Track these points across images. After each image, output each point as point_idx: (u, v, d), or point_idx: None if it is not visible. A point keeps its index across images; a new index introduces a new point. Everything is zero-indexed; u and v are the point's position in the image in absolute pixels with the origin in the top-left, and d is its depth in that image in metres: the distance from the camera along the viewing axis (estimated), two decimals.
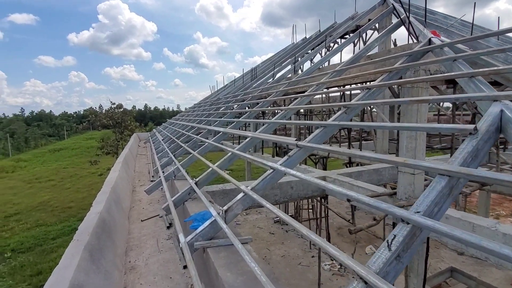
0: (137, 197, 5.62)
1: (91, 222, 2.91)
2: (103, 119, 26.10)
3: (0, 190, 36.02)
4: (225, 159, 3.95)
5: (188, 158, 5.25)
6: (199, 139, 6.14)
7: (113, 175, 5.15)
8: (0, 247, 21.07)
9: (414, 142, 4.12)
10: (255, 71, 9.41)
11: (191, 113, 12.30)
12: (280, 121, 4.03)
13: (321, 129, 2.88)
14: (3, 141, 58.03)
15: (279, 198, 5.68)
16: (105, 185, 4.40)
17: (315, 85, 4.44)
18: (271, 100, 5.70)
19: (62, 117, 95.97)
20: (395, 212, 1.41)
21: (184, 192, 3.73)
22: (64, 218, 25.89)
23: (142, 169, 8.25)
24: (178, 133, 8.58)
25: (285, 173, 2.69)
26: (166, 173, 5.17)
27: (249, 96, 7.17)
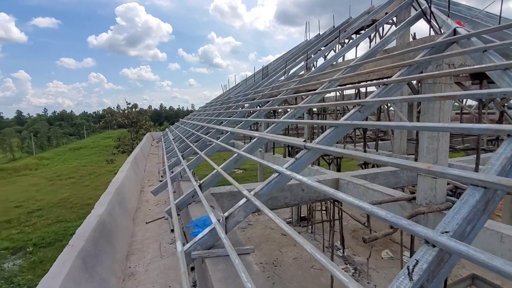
0: (145, 198, 5.54)
1: (89, 226, 2.80)
2: (118, 118, 26.66)
3: (24, 186, 37.74)
4: (230, 161, 3.76)
5: (195, 159, 5.10)
6: (208, 139, 5.99)
7: (120, 175, 5.09)
8: (23, 242, 22.02)
9: (436, 143, 3.77)
10: (266, 69, 9.19)
11: (202, 112, 12.21)
12: (289, 121, 3.80)
13: (332, 129, 2.62)
14: (28, 140, 60.75)
15: (290, 201, 5.44)
16: (110, 186, 4.32)
17: (327, 82, 4.17)
18: (282, 98, 5.46)
19: (82, 116, 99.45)
20: (418, 232, 1.15)
21: (187, 195, 3.57)
22: (82, 214, 26.71)
23: (153, 169, 8.22)
24: (188, 132, 8.49)
25: (291, 177, 2.47)
26: (173, 174, 5.05)
27: (259, 94, 6.95)
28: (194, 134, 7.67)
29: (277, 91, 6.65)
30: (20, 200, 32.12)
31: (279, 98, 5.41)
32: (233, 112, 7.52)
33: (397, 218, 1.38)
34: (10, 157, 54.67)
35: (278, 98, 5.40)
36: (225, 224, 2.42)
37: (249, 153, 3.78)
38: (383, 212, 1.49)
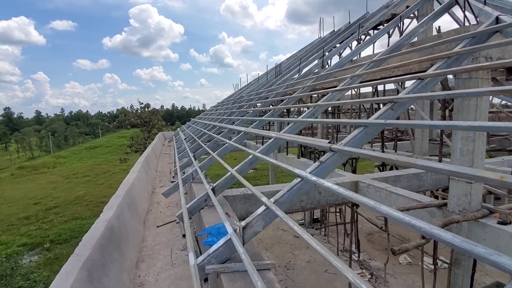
0: (156, 199, 5.37)
1: (96, 232, 2.61)
2: (131, 118, 26.95)
3: (42, 184, 38.84)
4: (245, 163, 3.51)
5: (207, 160, 4.89)
6: (220, 139, 5.77)
7: (130, 176, 4.93)
8: (41, 238, 22.57)
9: (471, 144, 3.40)
10: (279, 67, 8.90)
11: (214, 111, 12.03)
12: (307, 120, 3.51)
13: (361, 129, 2.33)
14: (46, 139, 62.61)
15: (306, 205, 5.14)
16: (120, 187, 4.15)
17: (349, 78, 3.85)
18: (297, 97, 5.17)
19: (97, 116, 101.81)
20: (477, 253, 0.86)
21: (200, 199, 3.35)
22: (97, 212, 27.03)
23: (164, 169, 8.08)
24: (200, 132, 8.31)
25: (315, 183, 2.20)
26: (184, 175, 4.85)
27: (273, 93, 6.68)
28: (205, 134, 7.47)
29: (291, 89, 6.36)
30: (38, 197, 33.06)
31: (294, 97, 5.12)
32: (245, 111, 7.28)
33: (437, 231, 1.09)
34: (29, 155, 56.48)
35: (294, 97, 5.11)
36: (242, 235, 2.17)
37: (265, 154, 3.52)
38: (422, 224, 1.22)
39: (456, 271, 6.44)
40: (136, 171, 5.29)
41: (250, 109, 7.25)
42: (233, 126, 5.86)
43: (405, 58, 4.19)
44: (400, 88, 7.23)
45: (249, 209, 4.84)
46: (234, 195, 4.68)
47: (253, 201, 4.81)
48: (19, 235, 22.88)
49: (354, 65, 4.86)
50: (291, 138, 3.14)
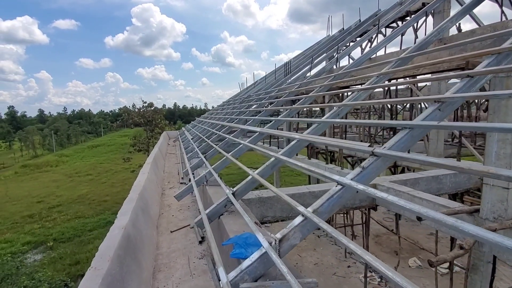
0: (167, 202, 5.15)
1: (113, 241, 2.39)
2: (135, 117, 26.72)
3: (46, 182, 38.70)
4: (267, 166, 3.28)
5: (221, 161, 4.66)
6: (232, 139, 5.54)
7: (141, 178, 4.71)
8: (44, 236, 22.43)
9: (509, 147, 3.16)
10: (289, 66, 8.65)
11: (220, 111, 11.80)
12: (333, 120, 3.28)
13: (406, 131, 2.10)
14: (49, 137, 62.50)
15: None
16: (133, 190, 3.93)
17: (375, 77, 3.61)
18: (313, 96, 4.93)
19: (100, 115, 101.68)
20: None
21: (219, 204, 3.12)
22: (100, 211, 27.04)
23: (172, 170, 7.86)
24: (208, 132, 8.08)
25: (357, 191, 1.97)
26: (197, 178, 4.63)
27: (285, 92, 6.44)
28: (214, 134, 7.24)
29: (305, 89, 6.12)
30: (41, 196, 32.96)
31: (310, 96, 4.88)
32: (256, 111, 7.04)
33: None
34: (33, 154, 56.39)
35: (310, 96, 4.88)
36: (278, 249, 1.95)
37: (287, 156, 3.30)
38: (474, 228, 1.04)
39: (473, 276, 6.18)
40: (146, 173, 5.06)
41: (261, 108, 7.02)
42: (245, 126, 5.63)
43: (432, 56, 3.95)
44: (415, 88, 6.99)
45: (265, 213, 4.63)
46: (249, 199, 4.47)
47: (269, 204, 4.60)
48: (23, 233, 22.77)
49: (374, 64, 4.62)
50: (319, 140, 2.92)
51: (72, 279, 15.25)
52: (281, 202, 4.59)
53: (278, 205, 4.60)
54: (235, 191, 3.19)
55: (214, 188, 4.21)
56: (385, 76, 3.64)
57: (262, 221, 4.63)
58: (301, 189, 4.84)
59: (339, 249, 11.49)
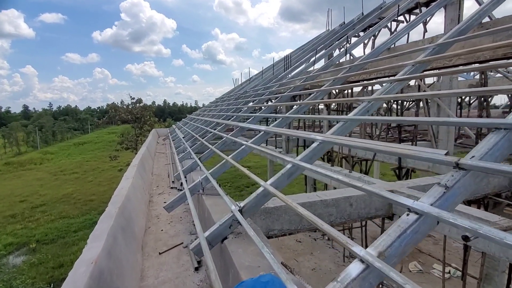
0: (155, 212, 4.35)
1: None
2: (122, 113, 25.41)
3: (29, 181, 36.73)
4: (283, 175, 2.56)
5: (220, 165, 3.90)
6: (230, 138, 4.79)
7: (124, 184, 3.89)
8: (27, 237, 21.07)
9: None
10: (289, 59, 7.95)
11: (214, 108, 10.97)
12: (362, 118, 2.59)
13: (502, 134, 1.42)
14: (33, 134, 59.71)
15: (335, 219, 4.25)
16: (112, 202, 3.13)
17: (410, 66, 2.94)
18: (326, 90, 4.23)
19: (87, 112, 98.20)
20: None
21: (222, 225, 2.38)
22: (85, 211, 25.74)
23: (161, 171, 7.02)
24: (202, 130, 7.27)
25: (438, 221, 1.29)
26: (191, 184, 3.86)
27: (288, 87, 5.72)
28: (209, 132, 6.45)
29: (311, 83, 5.42)
30: (24, 195, 31.27)
31: (323, 90, 4.18)
32: (255, 107, 6.30)
33: None
34: (16, 151, 53.72)
35: (323, 90, 4.17)
36: None
37: (308, 162, 2.59)
38: None
39: (487, 287, 5.64)
40: (130, 177, 4.24)
41: (261, 104, 6.28)
42: (246, 124, 4.88)
43: (471, 43, 3.32)
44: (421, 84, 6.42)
45: (270, 226, 3.91)
46: None
47: (275, 216, 3.88)
48: (4, 234, 21.39)
49: (394, 54, 3.97)
50: (348, 142, 2.22)
51: (55, 283, 14.19)
52: (289, 213, 3.90)
53: (286, 216, 3.90)
54: (242, 207, 2.45)
55: (212, 198, 3.46)
56: (423, 64, 2.98)
57: (268, 235, 3.92)
58: (311, 197, 4.14)
59: (337, 253, 10.95)
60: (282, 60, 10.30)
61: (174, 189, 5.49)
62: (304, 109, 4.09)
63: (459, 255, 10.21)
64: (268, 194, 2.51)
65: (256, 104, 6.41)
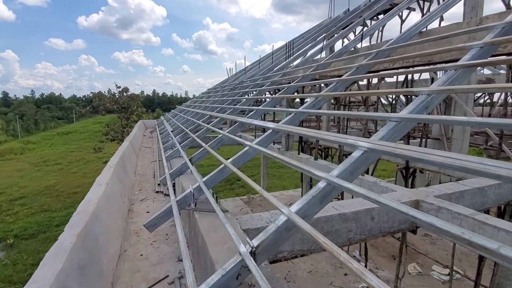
0: (134, 226, 3.48)
1: None
2: (107, 103, 23.85)
3: (8, 172, 34.64)
4: (314, 197, 1.75)
5: (217, 171, 3.06)
6: (228, 136, 3.94)
7: (94, 194, 2.99)
8: (4, 232, 19.64)
9: None
10: (291, 47, 7.05)
11: (206, 99, 9.98)
12: (421, 117, 1.80)
13: None
14: (13, 122, 56.55)
15: (355, 235, 3.52)
16: (71, 225, 2.24)
17: (478, 48, 2.16)
18: (348, 80, 3.43)
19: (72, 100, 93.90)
20: None
21: (227, 274, 1.57)
22: (69, 204, 24.39)
23: (146, 170, 6.09)
24: (193, 124, 6.35)
25: None
26: (179, 195, 3.00)
27: (296, 76, 4.88)
28: (202, 127, 5.55)
29: (319, 72, 4.60)
30: (2, 187, 29.42)
31: (344, 80, 3.37)
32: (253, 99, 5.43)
33: None
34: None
35: (344, 80, 3.36)
36: None
37: (344, 179, 1.80)
38: None
39: None
40: (104, 183, 3.34)
41: (261, 96, 5.43)
42: (248, 120, 4.03)
43: None
44: None
45: (281, 246, 3.15)
46: (258, 228, 2.95)
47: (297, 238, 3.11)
48: None
49: (429, 38, 3.19)
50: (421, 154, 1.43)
51: None
52: (301, 231, 3.14)
53: (298, 234, 3.14)
54: (256, 247, 1.64)
55: (207, 217, 2.63)
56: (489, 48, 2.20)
57: (276, 258, 3.15)
58: (327, 210, 3.39)
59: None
60: (281, 48, 9.41)
61: (160, 193, 4.62)
62: (322, 102, 3.28)
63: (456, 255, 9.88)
64: (292, 227, 1.72)
65: (256, 96, 5.55)
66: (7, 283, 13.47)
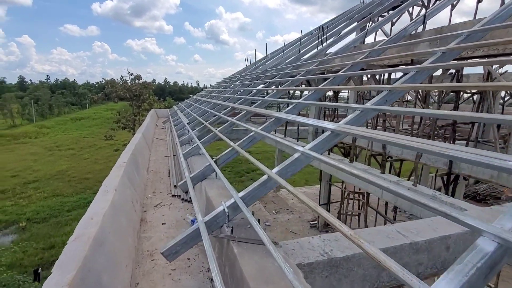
0: (147, 244, 2.77)
1: None
2: (119, 90, 23.27)
3: (22, 155, 34.93)
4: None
5: (260, 184, 2.28)
6: (266, 136, 3.14)
7: (99, 207, 2.26)
8: (17, 215, 19.71)
9: None
10: (324, 31, 6.08)
11: (224, 89, 9.13)
12: None
13: None
14: (29, 106, 57.15)
15: (425, 269, 2.73)
16: (62, 263, 1.53)
17: None
18: (427, 68, 2.56)
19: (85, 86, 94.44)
20: None
21: None
22: (80, 189, 24.37)
23: (159, 167, 5.39)
24: (213, 116, 5.56)
25: None
26: (209, 216, 2.25)
27: (345, 63, 4.01)
28: (224, 120, 4.77)
29: (376, 59, 3.72)
30: (17, 170, 29.68)
31: (423, 68, 2.50)
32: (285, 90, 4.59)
33: None
34: (10, 123, 51.48)
35: (423, 68, 2.49)
36: None
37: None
38: None
39: None
40: (111, 190, 2.63)
41: (294, 87, 4.57)
42: (286, 116, 3.21)
43: None
44: None
45: (336, 285, 2.40)
46: (311, 263, 2.19)
47: (343, 271, 2.33)
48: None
49: None
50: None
51: (44, 265, 12.97)
52: (364, 265, 2.38)
53: (359, 270, 2.37)
54: None
55: (252, 253, 1.87)
56: None
57: None
58: (394, 237, 2.59)
59: None
60: (307, 35, 8.42)
61: (176, 198, 3.90)
62: (399, 95, 2.44)
63: None
64: None
65: (287, 87, 4.71)
66: (19, 266, 13.36)
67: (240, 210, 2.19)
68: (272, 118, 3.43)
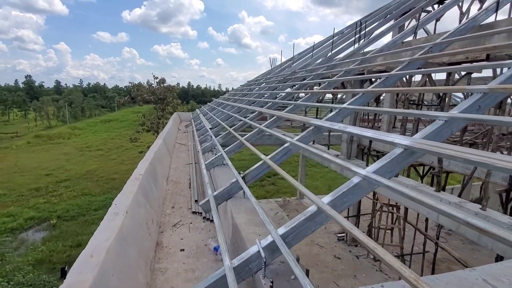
0: (162, 280, 2.28)
1: None
2: (144, 93, 23.69)
3: (56, 155, 36.86)
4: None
5: (307, 218, 1.70)
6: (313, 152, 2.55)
7: (104, 235, 1.81)
8: (48, 212, 20.56)
9: None
10: (362, 26, 5.38)
11: (248, 92, 8.61)
12: None
13: None
14: (63, 109, 60.69)
15: None
16: None
17: None
18: None
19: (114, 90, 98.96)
20: None
21: None
22: (107, 189, 25.05)
23: (180, 176, 4.96)
24: (238, 122, 5.05)
25: None
26: (238, 260, 1.71)
27: (399, 61, 3.33)
28: (252, 127, 4.23)
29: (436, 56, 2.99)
30: (51, 168, 31.30)
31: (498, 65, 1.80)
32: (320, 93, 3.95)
33: None
34: (47, 124, 54.92)
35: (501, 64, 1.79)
36: None
37: None
38: None
39: None
40: (122, 212, 2.18)
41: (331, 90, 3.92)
42: (330, 124, 2.60)
43: None
44: None
45: None
46: None
47: None
48: (27, 207, 21.16)
49: None
50: None
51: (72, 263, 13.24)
52: None
53: None
54: None
55: None
56: None
57: None
58: (468, 280, 1.90)
59: (387, 279, 8.72)
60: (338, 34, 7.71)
61: (197, 215, 3.40)
62: (497, 99, 1.77)
63: None
64: None
65: (323, 89, 4.08)
66: (48, 262, 13.74)
67: (279, 252, 1.63)
68: (311, 126, 2.83)
